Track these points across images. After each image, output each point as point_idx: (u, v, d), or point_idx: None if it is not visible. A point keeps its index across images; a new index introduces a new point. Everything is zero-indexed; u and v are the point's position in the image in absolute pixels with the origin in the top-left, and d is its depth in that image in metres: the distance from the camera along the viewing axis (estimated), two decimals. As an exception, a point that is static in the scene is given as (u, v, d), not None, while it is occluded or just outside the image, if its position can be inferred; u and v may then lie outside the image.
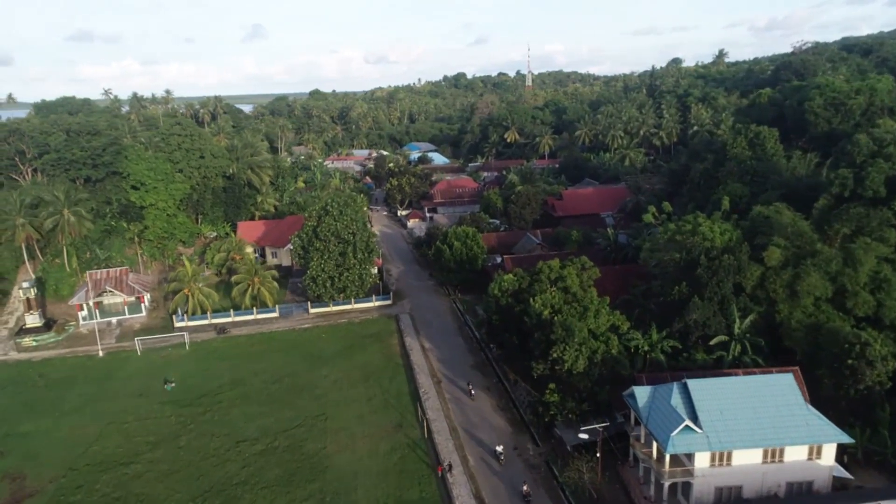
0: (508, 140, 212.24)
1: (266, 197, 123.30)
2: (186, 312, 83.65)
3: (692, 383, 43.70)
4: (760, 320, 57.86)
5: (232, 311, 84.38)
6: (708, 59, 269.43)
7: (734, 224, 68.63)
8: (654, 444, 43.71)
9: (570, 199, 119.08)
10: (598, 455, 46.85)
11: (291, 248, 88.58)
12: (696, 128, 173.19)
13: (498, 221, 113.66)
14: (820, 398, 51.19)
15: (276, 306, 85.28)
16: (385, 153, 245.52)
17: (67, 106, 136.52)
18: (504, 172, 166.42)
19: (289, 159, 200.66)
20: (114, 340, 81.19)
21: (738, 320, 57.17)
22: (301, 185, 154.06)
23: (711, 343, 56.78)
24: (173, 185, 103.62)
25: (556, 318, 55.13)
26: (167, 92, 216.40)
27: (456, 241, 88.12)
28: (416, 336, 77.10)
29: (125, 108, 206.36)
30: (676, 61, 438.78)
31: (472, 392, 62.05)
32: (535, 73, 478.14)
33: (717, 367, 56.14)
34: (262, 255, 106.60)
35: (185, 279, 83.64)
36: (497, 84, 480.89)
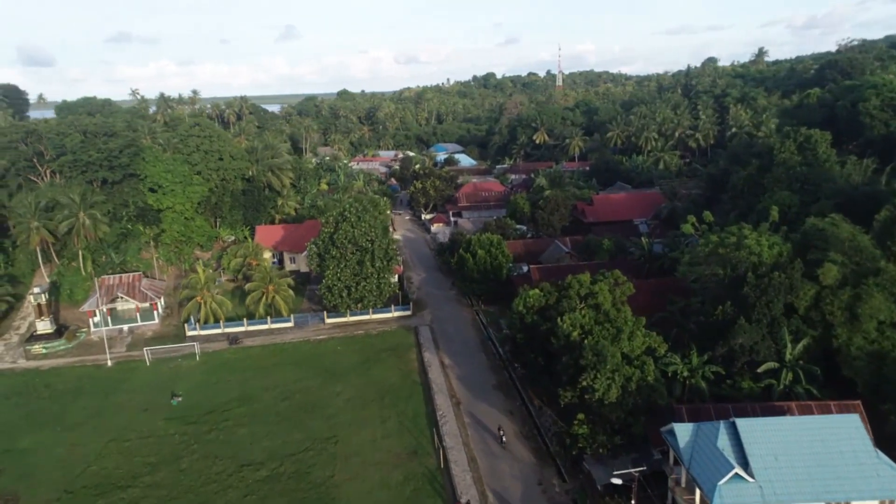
0: (537, 141, 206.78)
1: (287, 200, 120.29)
2: (198, 321, 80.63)
3: (742, 423, 38.45)
4: (815, 346, 52.16)
5: (245, 320, 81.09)
6: (744, 59, 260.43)
7: (783, 237, 62.79)
8: (698, 492, 38.63)
9: (602, 204, 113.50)
10: (632, 503, 41.85)
11: (307, 254, 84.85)
12: (734, 129, 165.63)
13: (525, 228, 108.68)
14: (884, 436, 45.43)
15: (291, 315, 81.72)
16: (411, 154, 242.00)
17: (88, 106, 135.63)
18: (532, 175, 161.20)
19: (313, 160, 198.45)
20: (124, 349, 78.54)
21: (789, 345, 51.57)
22: (324, 187, 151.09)
23: (759, 370, 51.26)
24: (191, 187, 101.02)
25: (586, 340, 50.20)
26: (194, 92, 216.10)
27: (480, 250, 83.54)
28: (436, 351, 72.73)
29: (153, 109, 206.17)
30: (711, 60, 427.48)
31: (504, 439, 54.33)
32: (566, 72, 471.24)
33: (765, 398, 50.69)
34: (280, 261, 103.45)
35: (197, 286, 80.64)
36: (527, 84, 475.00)
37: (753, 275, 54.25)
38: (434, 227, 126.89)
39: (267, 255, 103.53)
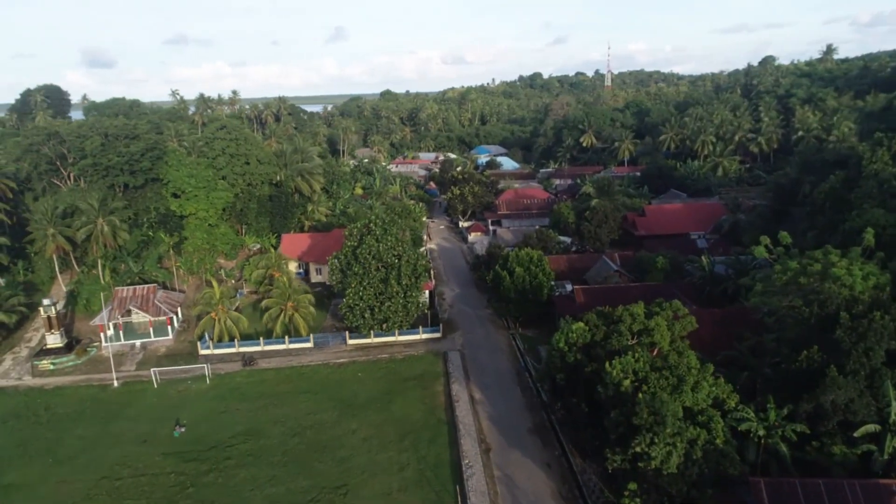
0: (584, 144, 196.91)
1: (317, 206, 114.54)
2: (212, 339, 75.00)
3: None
4: (928, 406, 42.40)
5: (261, 339, 75.00)
6: (805, 57, 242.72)
7: (880, 264, 52.85)
8: None
9: (655, 215, 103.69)
10: None
11: (329, 269, 78.22)
12: (801, 133, 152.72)
13: (569, 240, 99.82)
14: None
15: (311, 336, 75.26)
16: (452, 156, 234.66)
17: (115, 107, 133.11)
18: (578, 181, 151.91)
19: (351, 163, 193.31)
20: (134, 367, 73.47)
21: (894, 403, 41.96)
22: (359, 191, 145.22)
23: (856, 434, 41.82)
24: (215, 193, 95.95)
25: (640, 393, 41.72)
26: (234, 93, 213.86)
27: (518, 267, 75.41)
28: (466, 382, 65.02)
29: (192, 109, 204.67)
30: (770, 59, 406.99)
31: None
32: (615, 72, 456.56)
33: (863, 468, 41.28)
34: (306, 272, 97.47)
35: (212, 302, 75.00)
36: (574, 84, 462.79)
37: (848, 314, 44.70)
38: (471, 237, 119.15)
39: (293, 265, 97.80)
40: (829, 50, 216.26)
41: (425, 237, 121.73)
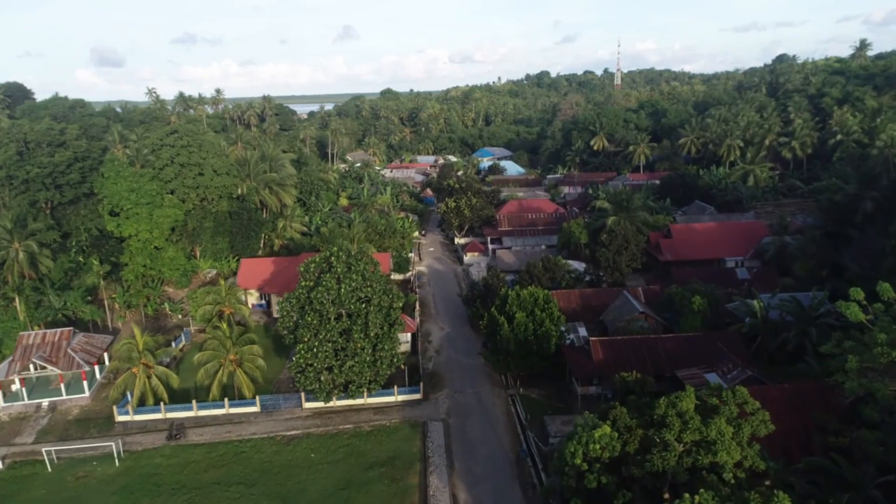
0: (595, 147, 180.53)
1: (290, 221, 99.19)
2: (133, 403, 59.60)
3: None
4: None
5: (195, 402, 59.56)
6: (815, 57, 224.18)
7: None
8: None
9: (683, 236, 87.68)
10: None
11: (279, 317, 62.27)
12: (839, 137, 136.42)
13: (581, 267, 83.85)
14: None
15: (258, 398, 59.75)
16: (453, 159, 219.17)
17: (54, 108, 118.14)
18: (589, 190, 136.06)
19: (341, 168, 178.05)
20: (32, 438, 58.21)
21: None
22: (344, 202, 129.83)
23: None
24: (161, 210, 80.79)
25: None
26: (217, 91, 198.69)
27: (519, 312, 59.65)
28: (448, 472, 49.40)
29: (179, 109, 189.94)
30: (784, 58, 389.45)
31: None
32: (624, 71, 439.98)
33: None
34: (268, 306, 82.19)
35: (132, 354, 59.55)
36: (583, 83, 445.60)
37: None
38: (468, 257, 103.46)
39: (253, 297, 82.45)
40: (863, 45, 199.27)
41: (414, 256, 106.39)
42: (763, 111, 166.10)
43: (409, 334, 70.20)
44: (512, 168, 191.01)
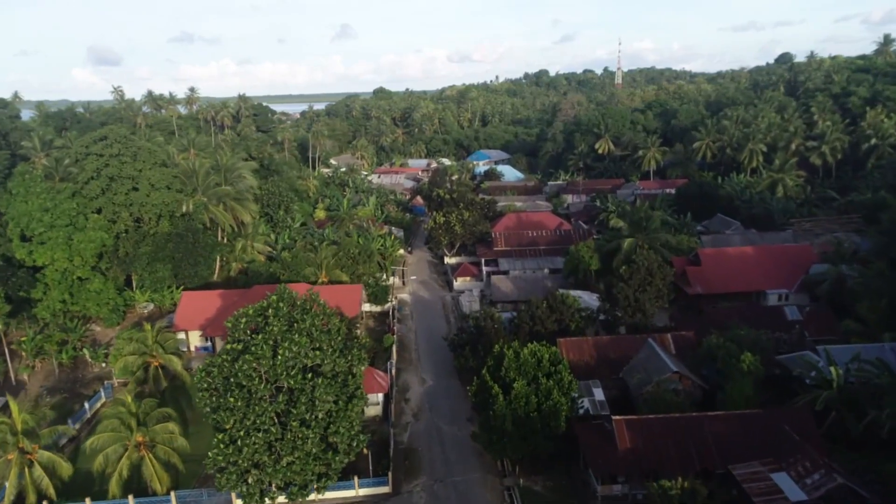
0: (600, 151, 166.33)
1: (251, 241, 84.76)
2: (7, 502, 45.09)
3: None
4: None
5: (88, 501, 45.05)
6: (819, 56, 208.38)
7: None
8: None
9: (714, 263, 73.25)
10: None
11: (197, 394, 47.31)
12: (874, 141, 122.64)
13: (593, 302, 69.33)
14: None
15: (173, 494, 45.23)
16: (447, 162, 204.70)
17: None
18: (596, 201, 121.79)
19: (325, 173, 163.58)
20: None
21: None
22: (320, 214, 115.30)
23: None
24: (82, 234, 66.31)
25: None
26: (191, 90, 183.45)
27: (518, 380, 45.24)
28: None
29: (146, 109, 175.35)
30: (786, 56, 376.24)
31: None
32: (624, 70, 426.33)
33: None
34: (215, 349, 67.71)
35: (4, 438, 44.96)
36: (582, 82, 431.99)
37: None
38: (458, 283, 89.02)
39: (195, 340, 68.02)
40: (887, 41, 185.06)
41: (396, 280, 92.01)
42: (783, 112, 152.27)
43: (380, 395, 55.80)
44: (510, 173, 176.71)
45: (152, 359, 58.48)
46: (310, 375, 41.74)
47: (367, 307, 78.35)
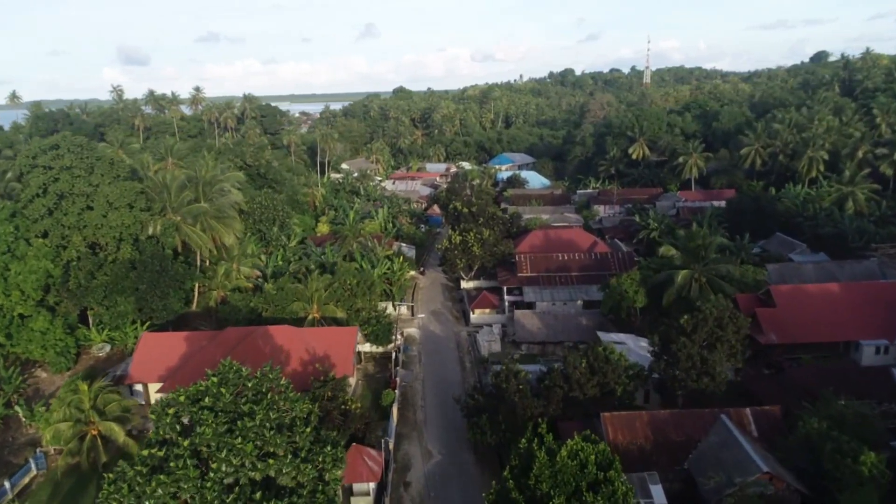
0: (634, 156, 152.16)
1: (237, 264, 73.08)
2: None
3: None
4: None
5: None
6: (865, 54, 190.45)
7: None
8: None
9: (792, 304, 59.27)
10: None
11: None
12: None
13: (640, 353, 55.93)
14: None
15: None
16: (467, 166, 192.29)
17: None
18: (635, 214, 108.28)
19: (337, 179, 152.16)
20: None
21: None
22: (324, 229, 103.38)
23: None
24: (20, 264, 54.88)
25: None
26: (196, 90, 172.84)
27: (556, 498, 32.31)
28: None
29: (148, 109, 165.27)
30: (823, 55, 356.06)
31: None
32: (653, 69, 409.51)
33: None
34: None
35: None
36: (609, 81, 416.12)
37: None
38: (476, 316, 76.17)
39: (155, 390, 56.18)
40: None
41: (404, 310, 79.68)
42: (841, 114, 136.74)
43: (371, 485, 43.25)
44: (535, 179, 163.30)
45: (89, 427, 46.68)
46: (258, 495, 29.31)
47: (366, 347, 65.99)
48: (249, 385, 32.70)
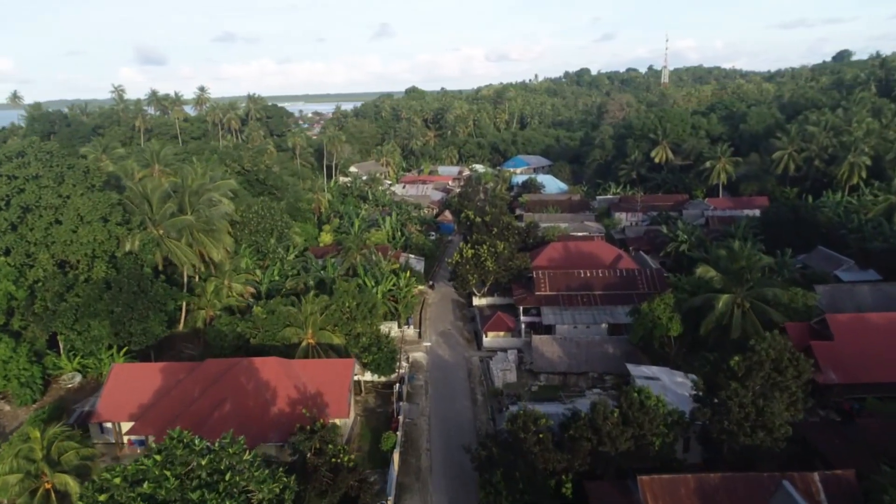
0: (657, 160, 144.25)
1: (228, 281, 66.78)
2: None
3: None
4: None
5: None
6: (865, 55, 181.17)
7: None
8: None
9: (853, 337, 51.53)
10: None
11: None
12: None
13: (677, 391, 48.62)
14: None
15: None
16: (480, 169, 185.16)
17: None
18: (662, 224, 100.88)
19: (344, 182, 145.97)
20: None
21: None
22: (326, 239, 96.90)
23: None
24: (-23, 285, 48.75)
25: None
26: (201, 89, 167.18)
27: None
28: None
29: (150, 110, 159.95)
30: (847, 53, 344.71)
31: None
32: (670, 68, 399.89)
33: None
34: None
35: None
36: (625, 81, 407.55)
37: None
38: (489, 339, 69.20)
39: (128, 429, 49.87)
40: None
41: (412, 331, 73.02)
42: (879, 116, 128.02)
43: (362, 559, 36.47)
44: (551, 184, 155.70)
45: (41, 480, 40.36)
46: None
47: (367, 376, 59.33)
48: (203, 462, 25.95)
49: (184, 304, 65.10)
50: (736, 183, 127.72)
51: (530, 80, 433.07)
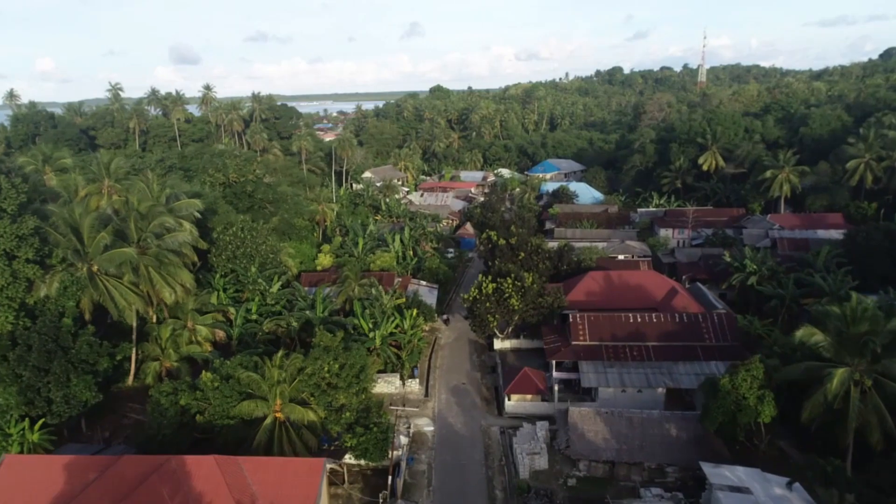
0: (705, 167, 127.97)
1: (190, 323, 53.65)
2: None
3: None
4: None
5: None
6: None
7: None
8: None
9: None
10: None
11: None
12: None
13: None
14: None
15: None
16: (506, 174, 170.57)
17: None
18: (714, 242, 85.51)
19: (357, 189, 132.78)
20: None
21: None
22: (325, 261, 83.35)
23: None
24: None
25: None
26: (206, 88, 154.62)
27: None
28: None
29: (152, 110, 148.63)
30: (893, 51, 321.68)
31: None
32: (706, 66, 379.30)
33: None
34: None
35: None
36: (660, 80, 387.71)
37: None
38: (513, 403, 54.73)
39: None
40: None
41: (416, 386, 59.10)
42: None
43: None
44: (585, 192, 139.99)
45: None
46: None
47: (351, 459, 45.44)
48: None
49: (133, 353, 52.07)
50: (801, 196, 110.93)
51: (561, 79, 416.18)
